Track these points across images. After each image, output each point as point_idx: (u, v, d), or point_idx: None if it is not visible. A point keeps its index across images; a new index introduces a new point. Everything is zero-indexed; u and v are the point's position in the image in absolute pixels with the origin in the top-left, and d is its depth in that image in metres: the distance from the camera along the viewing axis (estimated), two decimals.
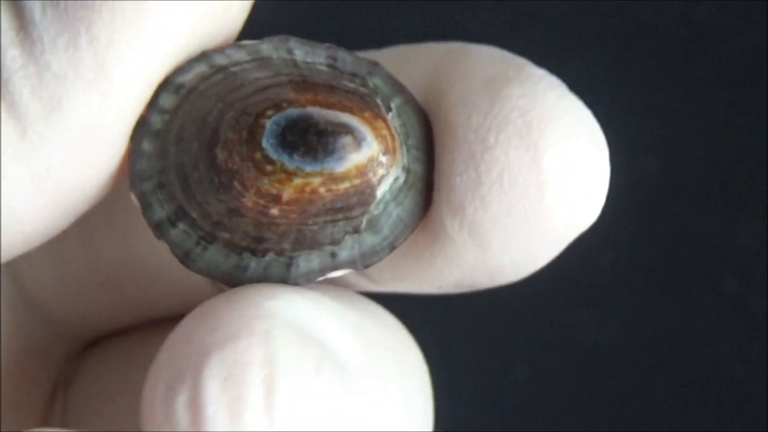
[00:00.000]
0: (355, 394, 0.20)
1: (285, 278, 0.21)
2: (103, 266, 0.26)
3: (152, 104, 0.21)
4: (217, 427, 0.19)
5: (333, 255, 0.21)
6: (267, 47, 0.21)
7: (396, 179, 0.21)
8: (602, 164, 0.21)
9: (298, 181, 0.21)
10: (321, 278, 0.21)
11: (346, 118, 0.21)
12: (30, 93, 0.20)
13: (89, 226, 0.25)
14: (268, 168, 0.21)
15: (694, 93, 0.41)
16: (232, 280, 0.21)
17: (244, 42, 0.21)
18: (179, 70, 0.21)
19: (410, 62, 0.22)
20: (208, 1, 0.20)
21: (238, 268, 0.21)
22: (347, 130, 0.20)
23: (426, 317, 0.24)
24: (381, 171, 0.21)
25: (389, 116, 0.21)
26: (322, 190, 0.21)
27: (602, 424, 0.40)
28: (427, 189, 0.21)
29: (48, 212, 0.20)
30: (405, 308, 0.23)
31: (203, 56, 0.21)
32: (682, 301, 0.40)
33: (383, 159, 0.21)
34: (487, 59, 0.21)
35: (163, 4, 0.20)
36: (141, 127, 0.21)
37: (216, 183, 0.21)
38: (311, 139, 0.20)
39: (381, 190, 0.21)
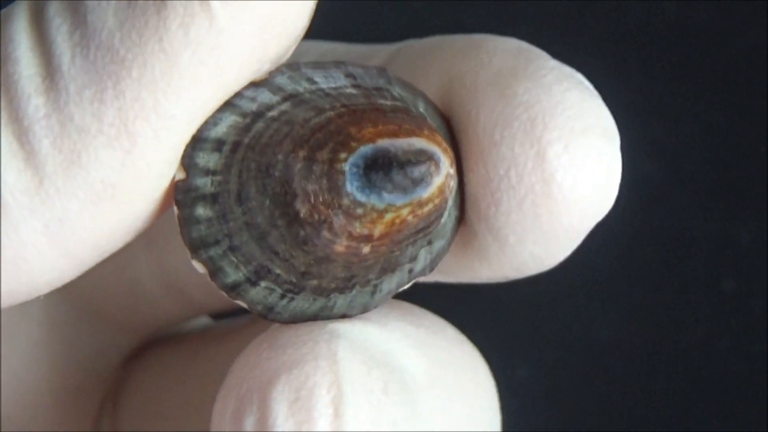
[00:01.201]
0: (422, 413, 0.20)
1: (368, 305, 0.21)
2: (166, 271, 0.26)
3: (190, 165, 0.20)
4: None
5: (410, 271, 0.21)
6: (284, 80, 0.20)
7: (455, 184, 0.21)
8: (610, 155, 0.20)
9: (389, 216, 0.20)
10: (395, 293, 0.21)
11: (417, 142, 0.20)
12: (50, 144, 0.19)
13: (152, 233, 0.25)
14: (359, 211, 0.20)
15: (694, 93, 0.41)
16: (317, 319, 0.21)
17: (255, 80, 0.20)
18: (206, 123, 0.20)
19: (428, 59, 0.22)
20: (241, 64, 0.19)
21: (325, 308, 0.21)
22: (427, 155, 0.20)
23: None
24: (452, 183, 0.20)
25: None
26: (410, 218, 0.20)
27: (602, 424, 0.40)
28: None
29: (59, 264, 0.20)
30: None
31: (226, 104, 0.20)
32: (681, 300, 0.40)
33: (452, 171, 0.20)
34: (499, 54, 0.21)
35: (194, 67, 0.19)
36: (188, 193, 0.20)
37: (302, 236, 0.20)
38: (396, 174, 0.20)
39: (449, 200, 0.21)
